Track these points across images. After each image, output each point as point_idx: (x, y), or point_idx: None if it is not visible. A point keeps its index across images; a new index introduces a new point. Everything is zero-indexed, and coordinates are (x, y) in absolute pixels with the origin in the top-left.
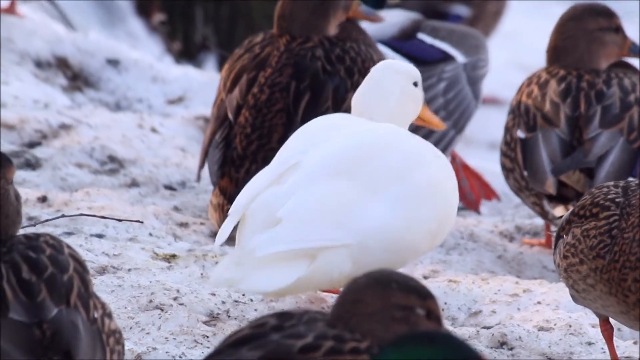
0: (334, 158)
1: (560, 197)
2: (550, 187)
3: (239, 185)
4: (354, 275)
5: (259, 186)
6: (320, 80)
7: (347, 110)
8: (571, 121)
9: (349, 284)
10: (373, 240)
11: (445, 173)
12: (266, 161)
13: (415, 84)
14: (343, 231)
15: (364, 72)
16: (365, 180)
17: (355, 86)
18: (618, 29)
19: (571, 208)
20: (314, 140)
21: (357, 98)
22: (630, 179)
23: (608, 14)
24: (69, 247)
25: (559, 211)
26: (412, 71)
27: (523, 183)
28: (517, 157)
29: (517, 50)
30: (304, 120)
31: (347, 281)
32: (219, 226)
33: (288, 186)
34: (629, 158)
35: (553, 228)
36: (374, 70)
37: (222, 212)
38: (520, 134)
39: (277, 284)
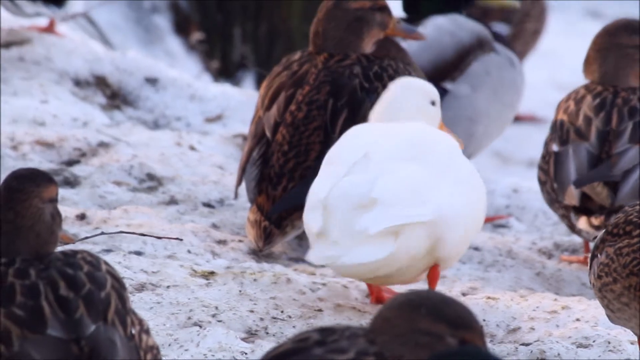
0: (400, 148)
1: (585, 209)
2: (573, 198)
3: (275, 203)
4: (432, 254)
5: (332, 179)
6: (358, 98)
7: None
8: (602, 135)
9: (388, 301)
10: (445, 218)
11: (469, 164)
12: (303, 179)
13: (433, 103)
14: (425, 209)
15: None
16: (429, 166)
17: None
18: None
19: (594, 221)
20: (368, 139)
21: (375, 112)
22: None
23: None
24: (106, 263)
25: (582, 223)
26: (429, 90)
27: (554, 195)
28: (550, 170)
29: (555, 69)
30: None
31: (426, 258)
32: (256, 243)
33: (371, 172)
34: None
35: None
36: (392, 86)
37: (260, 228)
38: (554, 147)
39: (374, 256)
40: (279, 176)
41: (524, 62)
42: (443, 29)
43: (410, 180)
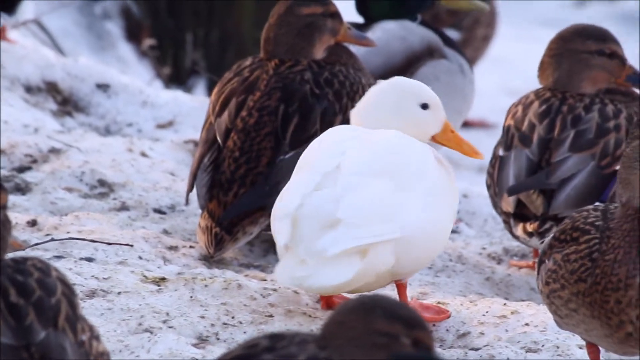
0: (371, 160)
1: (521, 216)
2: (508, 205)
3: (227, 209)
4: (396, 269)
5: (302, 190)
6: (308, 104)
7: None
8: (543, 143)
9: (339, 305)
10: (412, 234)
11: (448, 173)
12: (254, 184)
13: (425, 106)
14: (392, 226)
15: (352, 96)
16: (398, 179)
17: (343, 109)
18: (613, 55)
19: (528, 227)
20: (341, 147)
21: (357, 111)
22: (598, 203)
23: (601, 38)
24: (56, 270)
25: (518, 229)
26: (421, 91)
27: (497, 200)
28: (494, 175)
29: (506, 74)
30: (292, 144)
31: (393, 273)
32: (207, 249)
33: (339, 188)
34: (596, 183)
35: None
36: (378, 85)
37: (211, 234)
38: (500, 152)
39: (340, 279)
40: (230, 182)
41: (475, 68)
42: (393, 34)
43: (377, 198)
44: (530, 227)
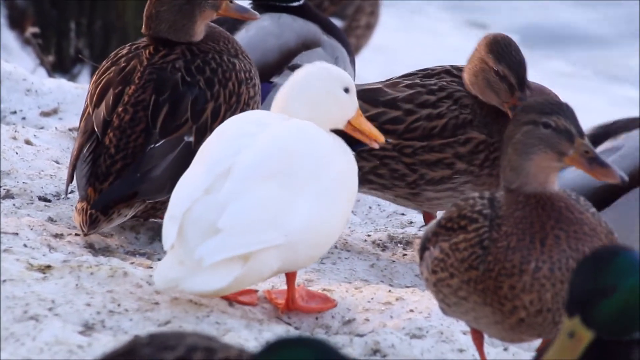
0: (260, 163)
1: None
2: None
3: (99, 195)
4: (281, 271)
5: (192, 192)
6: (179, 92)
7: (205, 121)
8: None
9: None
10: (298, 239)
11: (351, 166)
12: (125, 173)
13: (347, 90)
14: (275, 233)
15: (224, 83)
16: (289, 181)
17: (215, 97)
18: (504, 79)
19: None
20: (238, 143)
21: (279, 96)
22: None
23: (500, 57)
24: None
25: None
26: (342, 76)
27: None
28: None
29: (388, 63)
30: (162, 133)
31: (277, 272)
32: (81, 228)
33: (223, 195)
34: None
35: None
36: (301, 70)
37: (86, 215)
38: None
39: (217, 285)
40: (106, 175)
41: (358, 56)
42: (268, 31)
43: (261, 204)
44: None
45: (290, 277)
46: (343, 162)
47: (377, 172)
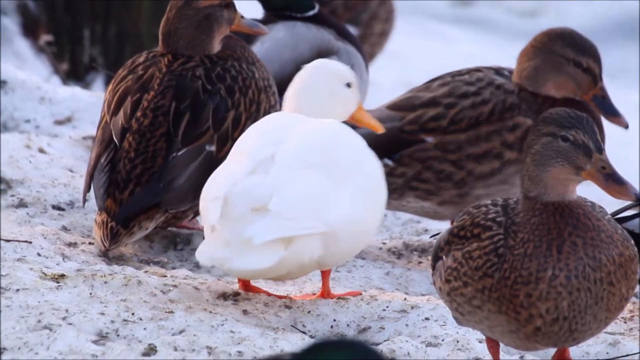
0: (306, 152)
1: None
2: None
3: (121, 206)
4: (320, 263)
5: (235, 175)
6: (200, 100)
7: (226, 130)
8: None
9: None
10: (339, 229)
11: (379, 167)
12: (148, 182)
13: (349, 85)
14: (319, 221)
15: (244, 91)
16: (330, 173)
17: (236, 105)
18: (587, 70)
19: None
20: (278, 134)
21: (289, 96)
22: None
23: (581, 50)
24: None
25: None
26: (344, 72)
27: None
28: None
29: (403, 69)
30: (184, 141)
31: (316, 264)
32: (102, 243)
33: (271, 177)
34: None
35: None
36: (306, 69)
37: (106, 229)
38: None
39: (263, 264)
40: (126, 182)
41: (373, 63)
42: (283, 44)
43: (307, 191)
44: None
45: (325, 273)
46: (373, 162)
47: (421, 177)
